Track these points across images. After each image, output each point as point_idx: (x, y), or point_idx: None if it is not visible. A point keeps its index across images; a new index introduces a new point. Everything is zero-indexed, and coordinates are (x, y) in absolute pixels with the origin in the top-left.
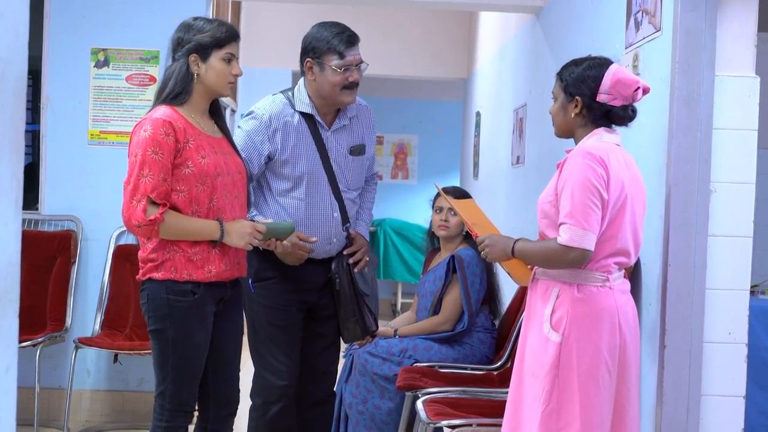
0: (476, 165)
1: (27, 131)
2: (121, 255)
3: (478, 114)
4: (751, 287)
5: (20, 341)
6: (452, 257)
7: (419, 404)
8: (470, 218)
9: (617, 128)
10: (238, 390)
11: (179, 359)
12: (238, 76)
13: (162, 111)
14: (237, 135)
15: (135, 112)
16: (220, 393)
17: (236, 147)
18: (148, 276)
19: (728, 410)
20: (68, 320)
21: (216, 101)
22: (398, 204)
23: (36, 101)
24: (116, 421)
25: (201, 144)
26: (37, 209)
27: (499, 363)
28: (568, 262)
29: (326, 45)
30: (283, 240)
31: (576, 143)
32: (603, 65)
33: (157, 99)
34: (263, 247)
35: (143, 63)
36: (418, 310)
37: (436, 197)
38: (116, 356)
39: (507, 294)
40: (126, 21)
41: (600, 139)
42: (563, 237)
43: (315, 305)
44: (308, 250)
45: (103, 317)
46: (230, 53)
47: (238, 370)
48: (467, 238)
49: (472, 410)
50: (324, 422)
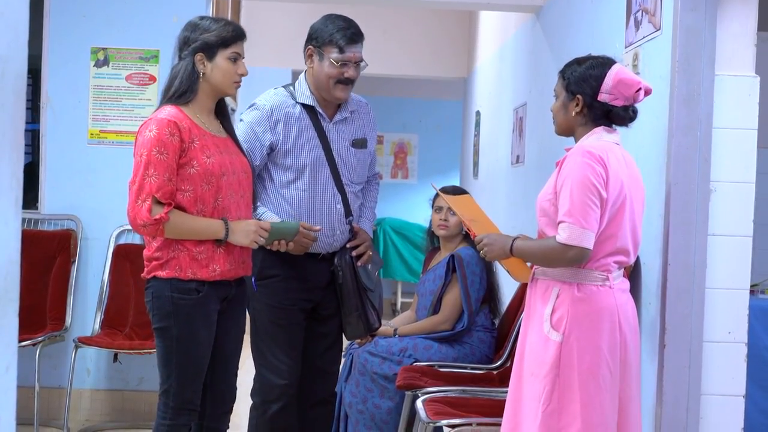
0: (476, 164)
1: (27, 130)
2: (121, 254)
3: (478, 113)
4: (751, 286)
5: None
6: (452, 256)
7: (419, 403)
8: (468, 215)
9: (617, 128)
10: (235, 388)
11: (183, 357)
12: (244, 76)
13: (167, 111)
14: (239, 128)
15: (135, 112)
16: (218, 390)
17: (241, 146)
18: (153, 274)
19: (728, 409)
20: (68, 319)
21: (222, 101)
22: (398, 203)
23: (36, 100)
24: (116, 421)
25: (206, 144)
26: (37, 208)
27: (499, 362)
28: (567, 261)
29: (329, 37)
30: (290, 240)
31: (576, 142)
32: (605, 65)
33: (163, 98)
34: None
35: (143, 62)
36: (418, 310)
37: (436, 197)
38: (116, 355)
39: (507, 293)
40: (126, 20)
41: (599, 138)
42: (562, 235)
43: (318, 304)
44: (312, 238)
45: (103, 316)
46: (236, 52)
47: (237, 369)
48: (467, 238)
49: (472, 409)
50: (325, 422)
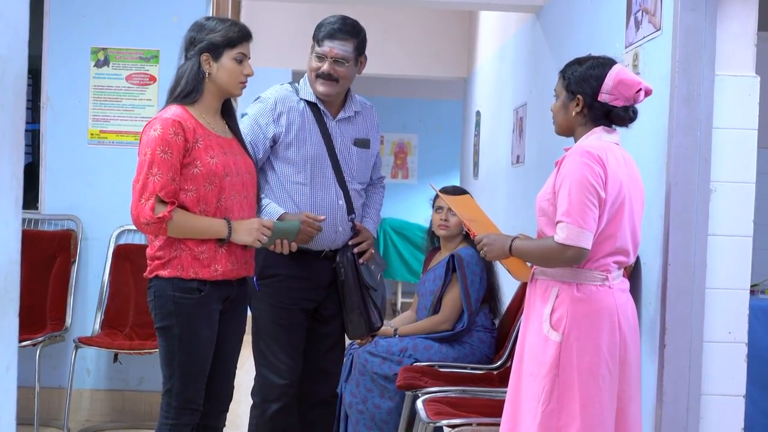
0: (476, 164)
1: (27, 130)
2: (121, 254)
3: (478, 113)
4: (751, 286)
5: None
6: (452, 256)
7: (419, 403)
8: (467, 215)
9: (617, 128)
10: (233, 387)
11: (185, 357)
12: (250, 76)
13: (172, 111)
14: (243, 121)
15: (135, 112)
16: (215, 389)
17: (246, 146)
18: (155, 273)
19: (728, 409)
20: (68, 320)
21: (228, 101)
22: (398, 203)
23: (36, 100)
24: (116, 421)
25: (210, 144)
26: (37, 209)
27: (499, 362)
28: (565, 261)
29: (317, 31)
30: (291, 240)
31: (575, 142)
32: (606, 65)
33: (169, 98)
34: (273, 249)
35: (143, 62)
36: (418, 310)
37: (436, 196)
38: (116, 356)
39: (507, 293)
40: (126, 20)
41: (599, 138)
42: (560, 235)
43: (320, 304)
44: (317, 228)
45: (103, 316)
46: (242, 53)
47: (235, 368)
48: (467, 238)
49: (472, 410)
50: (326, 423)
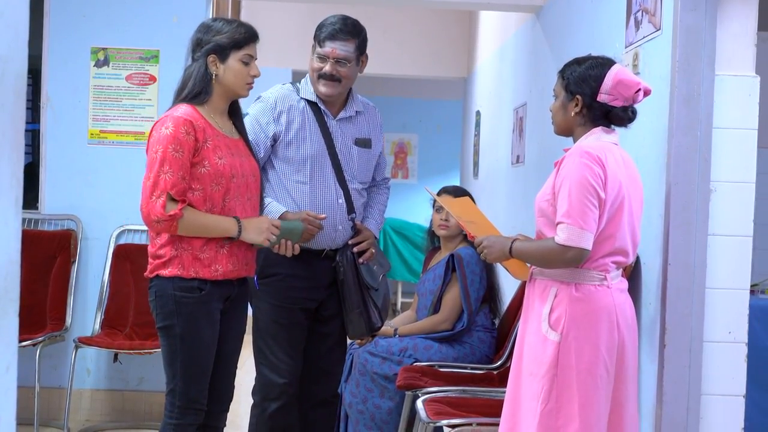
0: (476, 164)
1: (27, 130)
2: (121, 254)
3: (478, 113)
4: (751, 286)
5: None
6: (452, 256)
7: (419, 403)
8: (465, 217)
9: (616, 128)
10: (233, 387)
11: (187, 356)
12: (257, 77)
13: (183, 110)
14: (245, 120)
15: (135, 112)
16: (216, 389)
17: (252, 148)
18: (156, 273)
19: (728, 409)
20: (68, 319)
21: (235, 102)
22: (398, 203)
23: (36, 100)
24: (116, 421)
25: (219, 144)
26: (37, 208)
27: (499, 362)
28: (566, 262)
29: (318, 31)
30: (295, 242)
31: (574, 142)
32: (605, 65)
33: (177, 98)
34: (276, 251)
35: (143, 62)
36: (418, 309)
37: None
38: (116, 355)
39: (507, 293)
40: (126, 20)
41: (598, 139)
42: (560, 236)
43: (321, 304)
44: (318, 226)
45: (103, 316)
46: (249, 54)
47: (236, 368)
48: (467, 237)
49: (472, 409)
50: (327, 423)
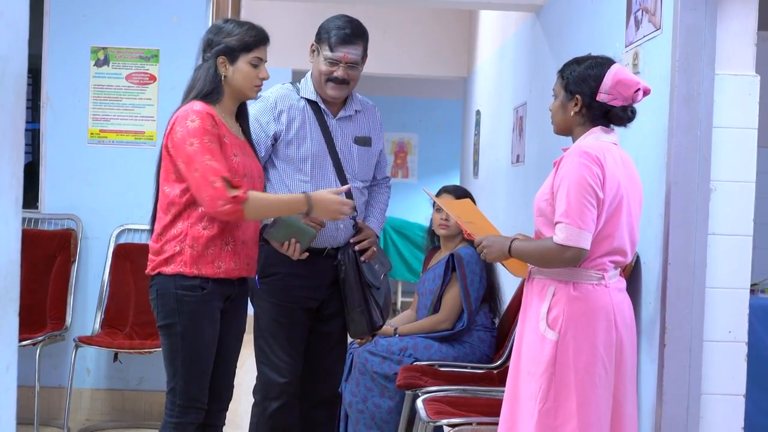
0: (476, 164)
1: (27, 130)
2: (121, 254)
3: (478, 112)
4: (751, 286)
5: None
6: (452, 255)
7: (419, 403)
8: (465, 218)
9: (615, 128)
10: (233, 386)
11: (188, 355)
12: (266, 80)
13: (200, 105)
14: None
15: (135, 111)
16: (216, 388)
17: (256, 151)
18: (158, 270)
19: (728, 409)
20: (68, 319)
21: (243, 105)
22: (398, 203)
23: (36, 100)
24: (116, 420)
25: (232, 142)
26: (37, 208)
27: (499, 362)
28: (564, 261)
29: (326, 34)
30: (303, 247)
31: (573, 141)
32: (605, 65)
33: (187, 97)
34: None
35: (143, 62)
36: (418, 309)
37: (437, 196)
38: (116, 355)
39: (507, 292)
40: (126, 20)
41: (597, 139)
42: (559, 236)
43: (322, 303)
44: (319, 222)
45: (103, 316)
46: (258, 57)
47: (235, 367)
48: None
49: (472, 409)
50: (328, 423)
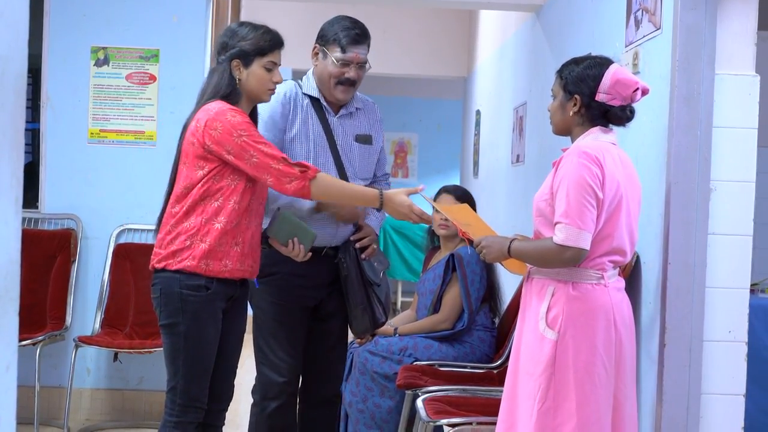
0: (476, 163)
1: (27, 130)
2: (121, 253)
3: (478, 112)
4: (751, 285)
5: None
6: (452, 255)
7: (419, 403)
8: (462, 220)
9: (614, 127)
10: (233, 386)
11: (190, 355)
12: (279, 84)
13: (226, 104)
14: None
15: (135, 111)
16: (216, 388)
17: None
18: (163, 264)
19: (728, 409)
20: (68, 319)
21: (254, 108)
22: None
23: (36, 100)
24: (116, 420)
25: None
26: (37, 208)
27: (499, 361)
28: (564, 261)
29: (333, 35)
30: (307, 247)
31: (572, 142)
32: (603, 65)
33: (203, 98)
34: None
35: (143, 61)
36: (418, 309)
37: (437, 196)
38: (116, 355)
39: (507, 292)
40: (126, 19)
41: (596, 139)
42: (559, 236)
43: (321, 302)
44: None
45: (103, 316)
46: (272, 61)
47: (236, 368)
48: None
49: (472, 409)
50: (329, 423)
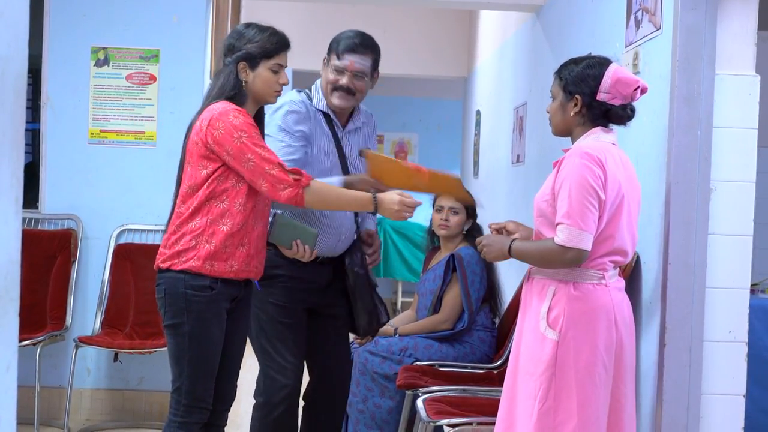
0: (476, 164)
1: (27, 130)
2: (121, 254)
3: (479, 112)
4: (751, 286)
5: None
6: (452, 256)
7: (419, 403)
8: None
9: (614, 127)
10: (236, 386)
11: (195, 355)
12: (285, 85)
13: (231, 104)
14: (277, 136)
15: (135, 111)
16: (220, 389)
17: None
18: (168, 264)
19: (728, 409)
20: (68, 319)
21: (260, 109)
22: None
23: (36, 100)
24: (116, 420)
25: None
26: (37, 208)
27: (500, 362)
28: (565, 262)
29: (335, 44)
30: (311, 248)
31: (572, 142)
32: (603, 64)
33: (209, 98)
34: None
35: (143, 62)
36: (418, 309)
37: (436, 196)
38: (116, 355)
39: (507, 292)
40: (126, 19)
41: (597, 139)
42: (560, 237)
43: (318, 305)
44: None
45: (104, 316)
46: (279, 64)
47: (239, 368)
48: (467, 237)
49: (473, 409)
50: (332, 423)
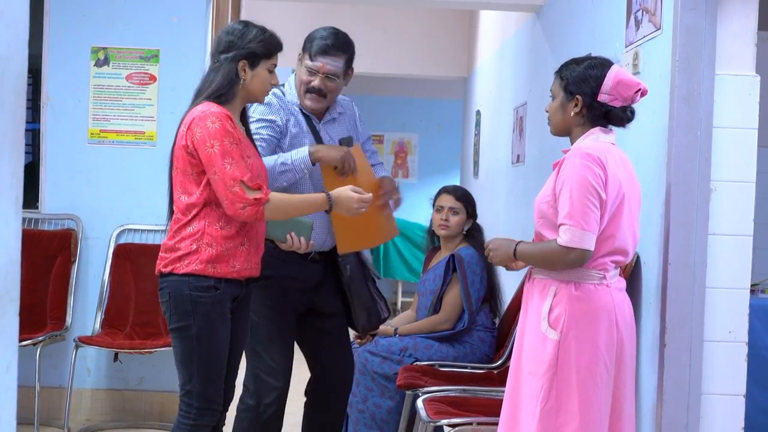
0: (476, 164)
1: (27, 130)
2: (121, 254)
3: (479, 113)
4: (752, 286)
5: (20, 340)
6: (452, 256)
7: (419, 403)
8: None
9: (613, 128)
10: (235, 387)
11: (204, 356)
12: (276, 85)
13: (215, 106)
14: (255, 126)
15: (135, 111)
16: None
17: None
18: (171, 268)
19: (728, 409)
20: (68, 319)
21: (244, 109)
22: None
23: (36, 100)
24: (116, 420)
25: (245, 144)
26: (37, 208)
27: (500, 362)
28: (569, 263)
29: (308, 44)
30: (307, 240)
31: (572, 142)
32: (604, 65)
33: (199, 96)
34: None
35: (143, 62)
36: (418, 309)
37: (437, 196)
38: (116, 355)
39: (507, 292)
40: (126, 20)
41: (597, 139)
42: (563, 238)
43: (313, 304)
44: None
45: (104, 316)
46: (275, 64)
47: (238, 368)
48: (467, 237)
49: (473, 409)
50: (332, 421)
